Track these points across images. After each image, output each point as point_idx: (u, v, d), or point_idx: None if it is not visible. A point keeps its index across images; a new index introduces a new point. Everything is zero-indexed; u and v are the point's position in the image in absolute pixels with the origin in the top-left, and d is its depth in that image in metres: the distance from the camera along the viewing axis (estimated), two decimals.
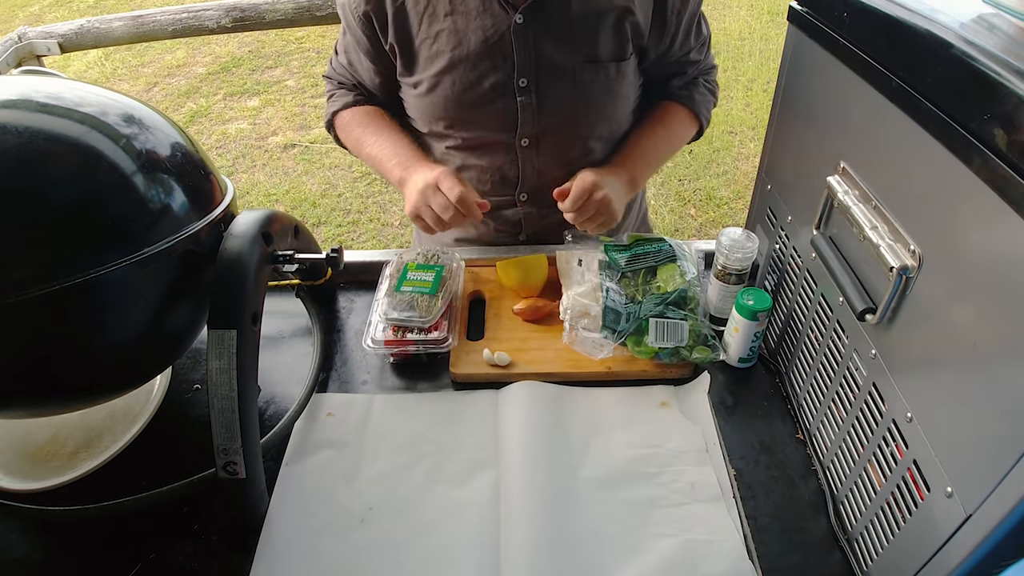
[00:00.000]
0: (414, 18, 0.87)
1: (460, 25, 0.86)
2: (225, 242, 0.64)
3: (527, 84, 0.89)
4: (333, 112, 1.02)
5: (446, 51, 0.87)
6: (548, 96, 0.90)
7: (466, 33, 0.86)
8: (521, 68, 0.88)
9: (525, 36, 0.86)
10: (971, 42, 0.48)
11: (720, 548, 0.64)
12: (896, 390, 0.57)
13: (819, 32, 0.71)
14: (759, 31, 4.27)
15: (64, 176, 0.57)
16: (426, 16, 0.87)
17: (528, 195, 1.01)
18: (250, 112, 3.71)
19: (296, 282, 0.96)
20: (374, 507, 0.69)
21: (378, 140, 0.96)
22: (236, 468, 0.63)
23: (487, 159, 0.97)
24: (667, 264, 0.88)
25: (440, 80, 0.89)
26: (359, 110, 1.00)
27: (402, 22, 0.88)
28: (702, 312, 0.87)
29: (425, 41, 0.88)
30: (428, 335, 0.83)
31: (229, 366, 0.62)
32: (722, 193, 2.86)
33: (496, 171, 0.98)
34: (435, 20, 0.87)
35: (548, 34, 0.86)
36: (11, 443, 0.77)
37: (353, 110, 1.00)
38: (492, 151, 0.96)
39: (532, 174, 0.98)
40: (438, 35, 0.87)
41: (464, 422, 0.79)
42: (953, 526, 0.49)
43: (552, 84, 0.89)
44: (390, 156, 0.93)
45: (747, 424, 0.78)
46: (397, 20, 0.88)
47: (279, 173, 3.17)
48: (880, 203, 0.60)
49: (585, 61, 0.88)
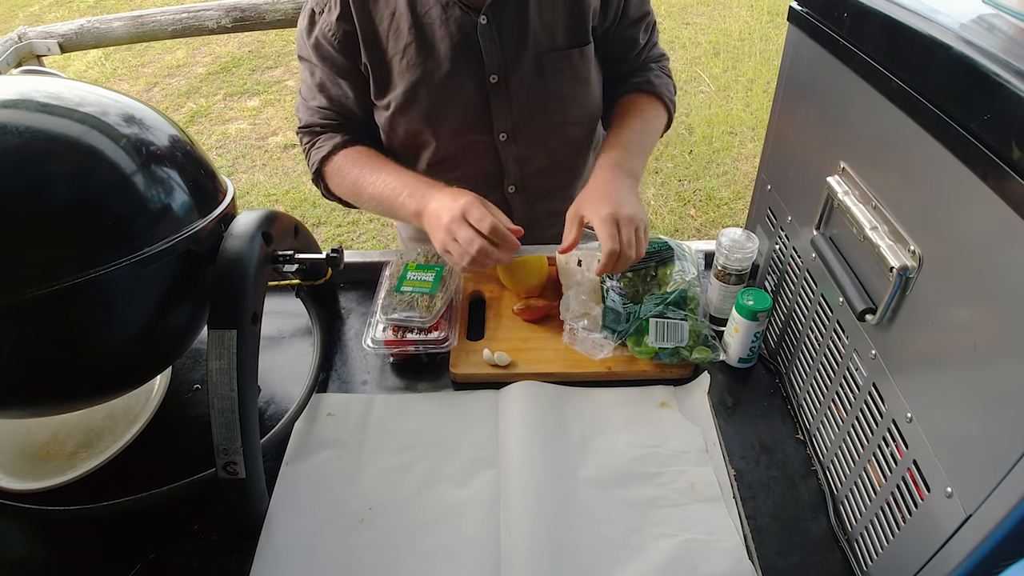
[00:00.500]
0: (382, 35, 0.88)
1: (427, 36, 0.87)
2: (225, 242, 0.64)
3: (497, 80, 0.90)
4: (321, 158, 0.94)
5: (417, 63, 0.88)
6: (519, 89, 0.92)
7: (433, 42, 0.88)
8: (490, 66, 0.90)
9: (490, 35, 0.88)
10: (971, 42, 0.48)
11: (720, 548, 0.64)
12: (896, 390, 0.57)
13: (819, 32, 0.71)
14: (759, 31, 4.27)
15: (64, 176, 0.57)
16: (392, 32, 0.88)
17: (515, 186, 1.02)
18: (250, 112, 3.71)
19: (296, 282, 0.96)
20: (374, 507, 0.69)
21: (380, 177, 0.88)
22: (236, 468, 0.63)
23: (470, 162, 0.97)
24: (667, 264, 0.88)
25: (416, 93, 0.90)
26: (351, 152, 0.93)
27: (372, 41, 0.88)
28: (702, 312, 0.87)
29: (394, 57, 0.89)
30: (428, 335, 0.83)
31: (229, 366, 0.62)
32: (722, 193, 2.86)
33: (480, 170, 0.99)
34: (400, 36, 0.88)
35: (511, 30, 0.89)
36: (11, 443, 0.77)
37: (344, 153, 0.94)
38: (473, 152, 0.97)
39: (515, 165, 1.00)
40: (406, 49, 0.88)
41: (464, 422, 0.79)
42: (953, 526, 0.49)
43: (521, 77, 0.91)
44: (399, 190, 0.86)
45: (747, 424, 0.78)
46: (367, 40, 0.88)
47: (279, 173, 3.17)
48: (880, 203, 0.60)
49: (549, 50, 0.91)
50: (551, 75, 0.92)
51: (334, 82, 0.93)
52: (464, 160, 0.97)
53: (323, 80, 0.94)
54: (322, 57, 0.91)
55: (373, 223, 2.80)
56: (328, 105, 0.95)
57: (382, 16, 0.88)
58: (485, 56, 0.89)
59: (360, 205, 0.95)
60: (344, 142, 0.94)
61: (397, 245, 1.49)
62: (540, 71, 0.92)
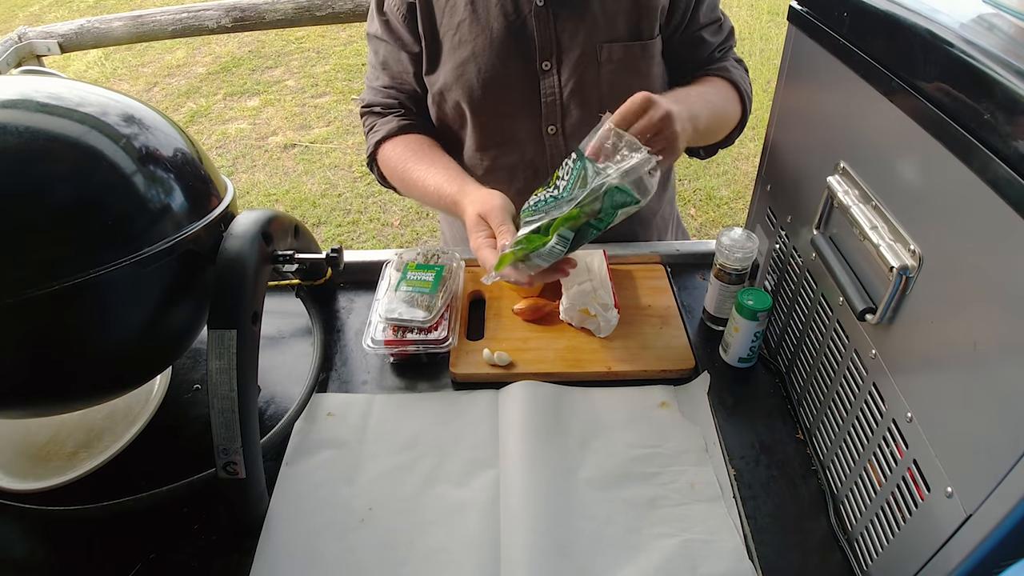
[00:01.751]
0: (437, 10, 0.89)
1: (481, 13, 0.87)
2: (225, 242, 0.64)
3: (550, 67, 0.89)
4: (376, 142, 0.96)
5: (468, 40, 0.87)
6: (571, 79, 0.89)
7: (488, 21, 0.86)
8: (543, 52, 0.88)
9: (546, 19, 0.86)
10: (971, 42, 0.48)
11: (720, 548, 0.64)
12: (896, 390, 0.57)
13: (819, 32, 0.71)
14: (759, 31, 4.27)
15: (64, 176, 0.57)
16: (448, 7, 0.88)
17: None
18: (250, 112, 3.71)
19: (296, 282, 0.96)
20: (374, 507, 0.69)
21: (426, 170, 0.89)
22: (236, 468, 0.63)
23: (516, 154, 0.96)
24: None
25: (464, 70, 0.89)
26: (404, 140, 0.94)
27: (428, 14, 0.89)
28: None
29: (447, 33, 0.89)
30: (428, 335, 0.83)
31: (229, 366, 0.62)
32: (722, 193, 2.86)
33: (527, 166, 0.96)
34: (455, 11, 0.87)
35: (568, 15, 0.86)
36: (11, 443, 0.77)
37: (397, 140, 0.95)
38: (520, 144, 0.95)
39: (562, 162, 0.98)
40: (459, 25, 0.87)
41: (464, 422, 0.79)
42: (953, 526, 0.49)
43: (575, 66, 0.88)
44: (442, 179, 0.86)
45: (747, 424, 0.78)
46: (424, 12, 0.89)
47: (279, 173, 3.17)
48: (880, 203, 0.60)
49: (606, 41, 0.87)
50: (609, 67, 0.89)
51: (396, 58, 0.94)
52: (509, 149, 0.95)
53: (386, 57, 0.95)
54: (389, 31, 0.92)
55: (373, 223, 2.80)
56: (390, 83, 0.96)
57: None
58: (538, 40, 0.87)
59: (409, 196, 0.95)
60: (401, 127, 0.94)
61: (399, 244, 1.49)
62: (595, 61, 0.88)
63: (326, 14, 1.95)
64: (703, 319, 0.92)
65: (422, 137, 0.95)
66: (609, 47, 0.88)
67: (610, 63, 0.89)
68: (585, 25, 0.87)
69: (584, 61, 0.88)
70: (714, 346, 0.88)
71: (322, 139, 3.39)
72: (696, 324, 0.93)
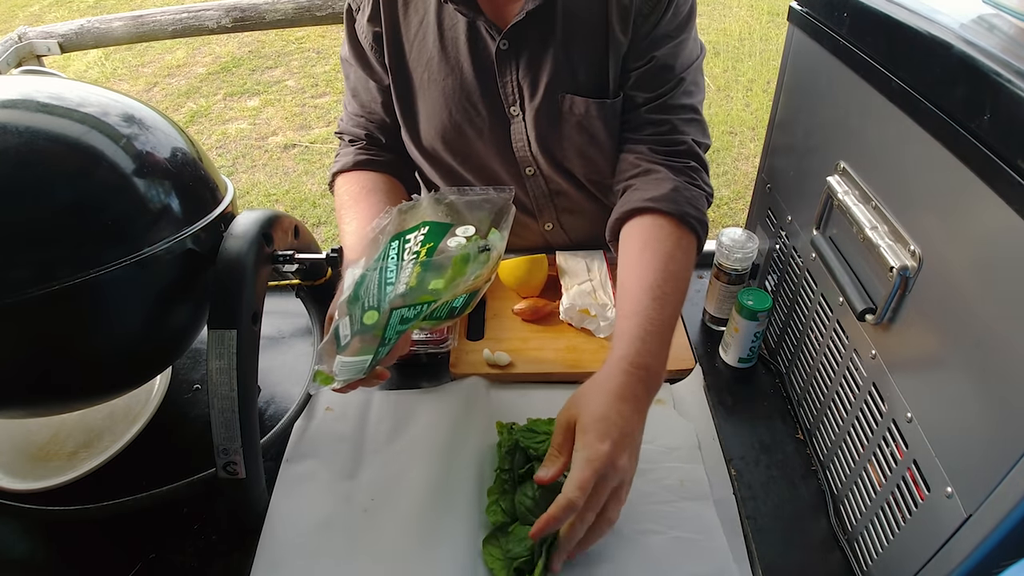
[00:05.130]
0: (407, 42, 0.85)
1: (450, 51, 0.83)
2: (225, 242, 0.64)
3: (518, 114, 0.86)
4: (333, 173, 0.93)
5: (438, 79, 0.84)
6: (536, 125, 0.85)
7: (458, 60, 0.83)
8: (508, 96, 0.84)
9: (509, 62, 0.82)
10: (971, 42, 0.48)
11: (706, 548, 0.64)
12: (896, 390, 0.57)
13: (819, 32, 0.71)
14: (759, 31, 4.27)
15: (64, 176, 0.57)
16: (417, 40, 0.85)
17: (552, 224, 0.99)
18: (250, 112, 3.71)
19: (296, 282, 0.96)
20: (374, 503, 0.69)
21: (351, 218, 0.84)
22: (236, 468, 0.63)
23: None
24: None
25: (436, 110, 0.86)
26: (352, 178, 0.90)
27: (396, 44, 0.86)
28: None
29: (416, 68, 0.86)
30: (428, 335, 0.83)
31: (229, 366, 0.62)
32: (722, 193, 2.86)
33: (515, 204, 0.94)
34: (424, 46, 0.84)
35: (531, 61, 0.82)
36: (11, 443, 0.77)
37: (347, 177, 0.90)
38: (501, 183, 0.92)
39: (547, 202, 0.95)
40: (428, 63, 0.84)
41: (462, 416, 0.78)
42: (953, 526, 0.49)
43: (537, 113, 0.84)
44: (355, 240, 0.80)
45: (747, 424, 0.78)
46: (392, 46, 0.85)
47: (279, 173, 3.17)
48: (880, 203, 0.60)
49: (566, 91, 0.83)
50: (566, 119, 0.84)
51: (365, 86, 0.91)
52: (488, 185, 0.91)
53: (355, 84, 0.92)
54: (358, 57, 0.89)
55: None
56: (359, 112, 0.93)
57: (410, 23, 0.84)
58: (500, 85, 0.83)
59: None
60: (356, 163, 0.90)
61: None
62: (558, 111, 0.84)
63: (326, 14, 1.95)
64: (703, 319, 0.92)
65: (372, 177, 0.90)
66: (571, 99, 0.83)
67: (567, 114, 0.84)
68: (545, 72, 0.82)
69: (544, 109, 0.84)
70: (714, 346, 0.88)
71: (322, 139, 3.39)
72: (696, 324, 0.93)
